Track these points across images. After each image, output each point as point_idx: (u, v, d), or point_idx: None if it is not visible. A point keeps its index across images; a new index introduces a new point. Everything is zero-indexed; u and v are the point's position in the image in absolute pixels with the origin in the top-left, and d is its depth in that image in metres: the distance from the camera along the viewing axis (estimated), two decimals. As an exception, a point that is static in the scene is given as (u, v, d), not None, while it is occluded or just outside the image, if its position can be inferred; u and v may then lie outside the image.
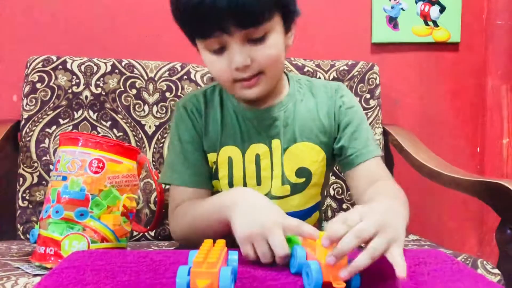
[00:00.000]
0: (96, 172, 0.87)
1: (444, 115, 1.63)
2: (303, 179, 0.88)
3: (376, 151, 0.88)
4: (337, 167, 1.29)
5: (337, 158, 0.91)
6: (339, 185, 1.33)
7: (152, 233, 1.28)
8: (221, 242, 0.57)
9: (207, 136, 0.88)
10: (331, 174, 1.06)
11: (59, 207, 0.86)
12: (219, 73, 0.79)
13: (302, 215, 0.90)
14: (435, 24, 1.60)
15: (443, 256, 0.66)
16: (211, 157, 0.89)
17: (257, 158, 0.87)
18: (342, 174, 0.92)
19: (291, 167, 0.87)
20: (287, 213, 0.67)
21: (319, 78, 1.41)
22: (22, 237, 1.23)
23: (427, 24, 1.59)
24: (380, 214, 0.55)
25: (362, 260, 0.52)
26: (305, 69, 1.42)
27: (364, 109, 1.41)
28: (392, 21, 1.58)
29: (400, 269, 0.51)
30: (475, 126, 1.65)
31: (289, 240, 0.62)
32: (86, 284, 0.53)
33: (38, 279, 0.78)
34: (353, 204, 0.86)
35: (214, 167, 0.89)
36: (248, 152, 0.87)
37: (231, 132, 0.88)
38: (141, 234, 1.26)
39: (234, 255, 0.58)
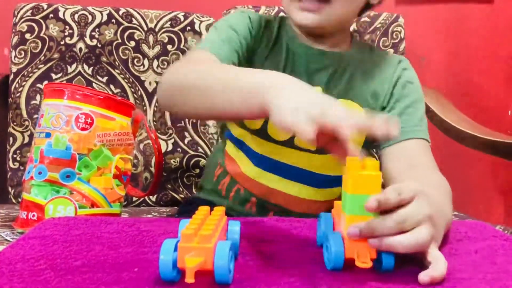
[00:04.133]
0: (83, 129, 0.79)
1: (474, 74, 1.52)
2: None
3: (426, 134, 0.78)
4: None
5: None
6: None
7: (154, 198, 1.19)
8: (220, 210, 0.46)
9: (253, 57, 0.79)
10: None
11: (42, 168, 0.79)
12: None
13: (323, 181, 0.79)
14: (467, -29, 1.46)
15: (490, 231, 0.55)
16: None
17: None
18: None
19: None
20: (307, 172, 0.53)
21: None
22: (13, 200, 1.15)
23: (458, -28, 1.46)
24: (432, 206, 0.45)
25: (403, 241, 0.42)
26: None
27: (387, 65, 1.28)
28: (420, -32, 1.44)
29: (435, 273, 0.41)
30: (507, 86, 1.52)
31: None
32: (51, 259, 0.43)
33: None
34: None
35: None
36: None
37: (274, 65, 0.78)
38: (141, 199, 1.17)
39: (235, 226, 0.47)
